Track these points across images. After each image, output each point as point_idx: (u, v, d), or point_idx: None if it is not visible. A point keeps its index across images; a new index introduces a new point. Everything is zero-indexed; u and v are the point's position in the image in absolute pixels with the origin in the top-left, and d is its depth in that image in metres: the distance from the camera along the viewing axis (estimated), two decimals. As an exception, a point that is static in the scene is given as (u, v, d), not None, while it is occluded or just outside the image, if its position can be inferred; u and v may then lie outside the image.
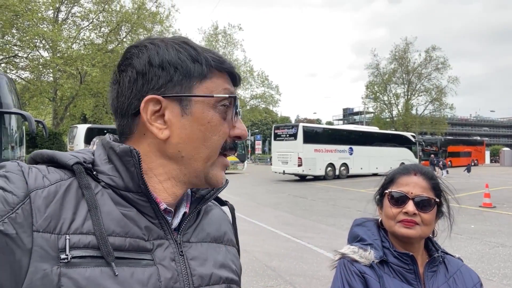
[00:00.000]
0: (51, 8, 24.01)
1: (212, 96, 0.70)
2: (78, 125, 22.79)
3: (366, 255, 1.20)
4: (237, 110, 0.74)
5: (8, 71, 22.20)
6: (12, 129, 10.20)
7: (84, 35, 26.45)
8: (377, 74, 45.70)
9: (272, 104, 42.17)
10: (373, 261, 1.19)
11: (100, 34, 27.19)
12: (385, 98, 46.49)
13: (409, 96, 45.55)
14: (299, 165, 19.46)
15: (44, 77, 24.30)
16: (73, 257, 0.58)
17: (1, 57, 21.68)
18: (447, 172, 25.69)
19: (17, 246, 0.55)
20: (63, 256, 0.57)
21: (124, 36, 27.65)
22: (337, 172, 21.63)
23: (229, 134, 0.72)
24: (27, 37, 20.37)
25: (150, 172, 0.71)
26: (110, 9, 26.40)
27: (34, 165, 0.66)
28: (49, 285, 0.56)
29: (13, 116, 9.97)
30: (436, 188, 1.24)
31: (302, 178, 21.25)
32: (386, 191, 1.26)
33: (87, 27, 26.44)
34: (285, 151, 20.39)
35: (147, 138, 0.70)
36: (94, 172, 0.68)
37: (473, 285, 1.24)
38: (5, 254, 0.55)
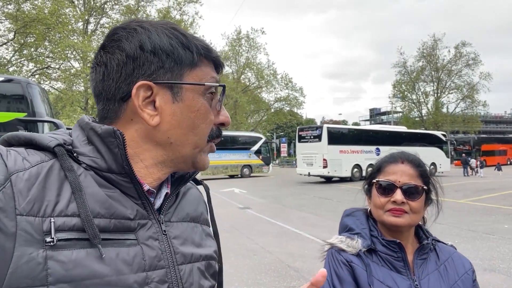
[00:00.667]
0: (80, 20, 25.02)
1: (203, 85, 0.71)
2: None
3: (353, 244, 1.19)
4: (221, 98, 0.76)
5: (41, 81, 23.26)
6: (45, 137, 10.69)
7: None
8: (405, 73, 44.70)
9: (297, 107, 42.02)
10: (360, 250, 1.18)
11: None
12: (414, 96, 45.37)
13: (439, 94, 44.24)
14: (324, 167, 19.27)
15: (75, 86, 25.26)
16: (58, 240, 0.57)
17: (35, 68, 22.76)
18: (480, 172, 24.69)
19: (0, 231, 0.54)
20: (48, 239, 0.57)
21: (150, 44, 28.34)
22: (363, 174, 21.22)
23: (214, 121, 0.73)
24: (58, 49, 21.28)
25: (136, 157, 0.70)
26: (137, 19, 27.15)
27: (12, 148, 0.64)
28: (35, 269, 0.55)
29: (46, 124, 10.47)
30: (424, 175, 1.22)
31: (328, 180, 21.01)
32: (374, 181, 1.25)
33: (115, 37, 27.29)
34: (309, 153, 20.26)
35: (134, 124, 0.69)
36: (75, 154, 0.66)
37: (464, 272, 1.22)
38: None
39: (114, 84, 0.68)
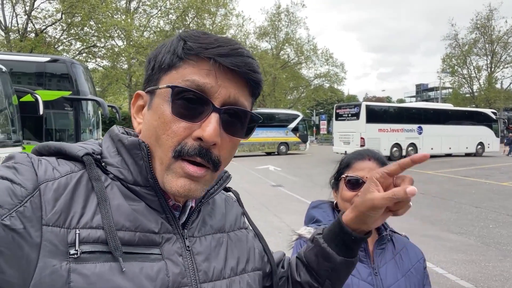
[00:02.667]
0: (123, -2, 25.68)
1: (158, 88, 0.65)
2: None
3: None
4: (206, 106, 0.63)
5: (88, 60, 24.41)
6: (89, 114, 11.35)
7: (153, 22, 27.98)
8: (455, 46, 41.91)
9: (337, 83, 41.06)
10: None
11: (167, 21, 28.52)
12: (465, 71, 42.64)
13: (492, 69, 41.22)
14: (362, 146, 18.86)
15: (119, 64, 26.24)
16: (82, 252, 0.56)
17: (82, 47, 23.87)
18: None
19: (25, 241, 0.53)
20: (72, 251, 0.56)
21: (189, 21, 28.66)
22: (403, 153, 20.59)
23: (191, 134, 0.63)
24: (103, 28, 22.11)
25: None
26: (176, -4, 27.47)
27: (44, 157, 0.64)
28: (58, 281, 0.54)
29: (89, 102, 11.10)
30: None
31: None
32: (343, 176, 1.34)
33: (156, 14, 27.87)
34: (347, 131, 19.89)
35: None
36: (103, 164, 0.67)
37: (417, 260, 1.34)
38: (12, 249, 0.52)
39: None
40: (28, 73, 10.46)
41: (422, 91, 74.13)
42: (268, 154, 25.30)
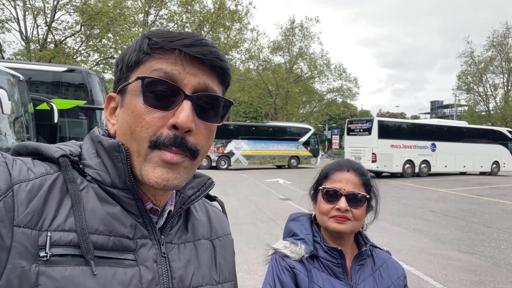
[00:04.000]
0: (141, 12, 26.31)
1: (127, 83, 0.66)
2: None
3: (296, 250, 1.23)
4: (177, 94, 0.63)
5: (105, 71, 24.93)
6: (102, 123, 11.55)
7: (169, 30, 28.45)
8: (471, 63, 41.48)
9: (350, 98, 40.92)
10: (303, 256, 1.22)
11: (184, 31, 29.00)
12: (480, 89, 42.05)
13: (509, 87, 40.56)
14: (373, 161, 18.70)
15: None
16: (53, 255, 0.55)
17: (100, 58, 24.44)
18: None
19: None
20: (42, 253, 0.55)
21: (205, 35, 29.07)
22: (416, 170, 20.30)
23: (166, 124, 0.63)
24: (120, 40, 22.63)
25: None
26: (192, 10, 28.03)
27: (19, 157, 0.63)
28: (26, 283, 0.53)
29: (103, 112, 11.29)
30: (367, 183, 1.27)
31: (377, 174, 20.33)
32: (321, 187, 1.30)
33: (172, 28, 28.41)
34: (358, 146, 19.74)
35: None
36: (81, 166, 0.66)
37: (397, 278, 1.27)
38: None
39: None
40: (45, 82, 10.75)
41: (437, 108, 73.31)
42: (279, 167, 25.25)
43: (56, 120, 8.43)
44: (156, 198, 0.71)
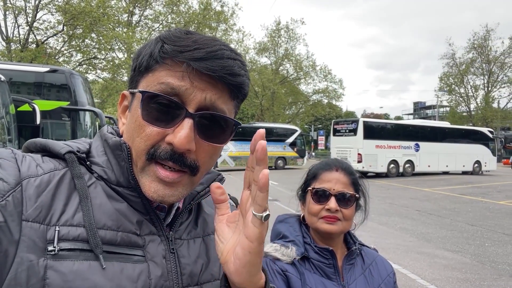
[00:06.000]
0: (125, 12, 25.99)
1: (134, 91, 0.65)
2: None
3: (287, 253, 1.20)
4: (179, 111, 0.61)
5: (88, 71, 24.52)
6: (86, 125, 11.35)
7: (154, 36, 28.19)
8: (453, 65, 42.41)
9: (336, 99, 41.29)
10: (294, 258, 1.20)
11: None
12: (462, 90, 43.07)
13: (489, 88, 41.69)
14: (359, 161, 18.89)
15: (119, 76, 26.39)
16: (61, 250, 0.56)
17: (83, 58, 24.02)
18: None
19: (4, 235, 0.53)
20: (50, 248, 0.55)
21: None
22: (401, 170, 20.59)
23: (164, 139, 0.61)
24: (104, 41, 22.29)
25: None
26: (178, 11, 27.84)
27: (29, 154, 0.64)
28: (34, 277, 0.53)
29: (87, 113, 11.10)
30: (356, 183, 1.26)
31: (363, 175, 20.40)
32: (309, 188, 1.27)
33: (158, 28, 28.14)
34: (344, 147, 19.91)
35: None
36: (88, 163, 0.66)
37: (387, 275, 1.28)
38: None
39: None
40: (27, 82, 10.49)
41: (419, 109, 74.72)
42: (266, 168, 25.24)
43: (38, 121, 8.22)
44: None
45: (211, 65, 0.60)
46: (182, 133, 0.59)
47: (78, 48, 23.20)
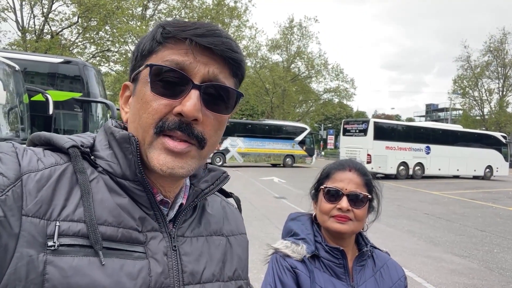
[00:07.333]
0: (139, 6, 26.12)
1: (139, 71, 0.67)
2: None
3: (298, 250, 1.21)
4: (186, 83, 0.63)
5: (101, 63, 24.74)
6: (98, 116, 11.45)
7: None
8: (467, 67, 41.76)
9: (347, 98, 40.96)
10: (305, 256, 1.20)
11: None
12: (476, 94, 42.39)
13: (504, 92, 40.96)
14: (368, 162, 18.74)
15: (132, 69, 26.52)
16: (61, 245, 0.55)
17: (97, 51, 24.24)
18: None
19: (4, 230, 0.53)
20: (50, 243, 0.55)
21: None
22: (410, 172, 20.40)
23: (172, 111, 0.63)
24: (118, 33, 22.45)
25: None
26: (192, 6, 27.88)
27: (30, 147, 0.64)
28: (33, 272, 0.53)
29: (99, 105, 11.21)
30: (369, 184, 1.26)
31: (372, 176, 20.43)
32: (322, 186, 1.27)
33: (171, 22, 28.18)
34: (354, 147, 19.78)
35: None
36: (92, 157, 0.66)
37: (398, 279, 1.27)
38: None
39: None
40: (41, 73, 10.62)
41: (432, 111, 73.80)
42: (274, 165, 25.25)
43: (51, 111, 8.33)
44: (165, 190, 0.70)
45: (212, 41, 0.63)
46: (190, 102, 0.61)
47: (92, 40, 23.42)
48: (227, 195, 0.88)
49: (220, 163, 22.98)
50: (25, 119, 7.80)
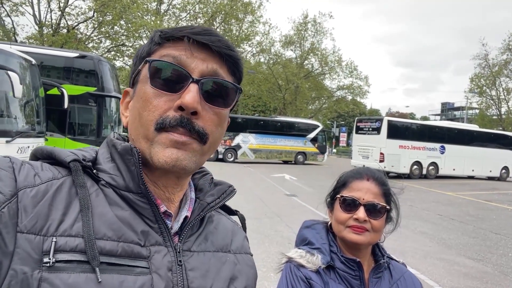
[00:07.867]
0: (154, 1, 26.26)
1: (138, 71, 0.68)
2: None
3: (313, 260, 1.17)
4: (185, 78, 0.63)
5: (116, 58, 24.97)
6: (112, 110, 11.57)
7: (181, 25, 28.41)
8: (485, 66, 40.81)
9: (360, 96, 40.53)
10: (320, 267, 1.16)
11: (196, 24, 28.92)
12: (493, 93, 41.41)
13: (523, 92, 39.91)
14: (381, 161, 18.54)
15: (145, 64, 26.73)
16: (57, 261, 0.54)
17: (112, 45, 24.48)
18: None
19: None
20: (46, 259, 0.53)
21: (217, 26, 29.00)
22: (424, 172, 20.11)
23: (172, 107, 0.63)
24: (132, 28, 22.62)
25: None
26: (206, 1, 27.89)
27: (29, 161, 0.63)
28: None
29: (113, 99, 11.32)
30: (387, 194, 1.21)
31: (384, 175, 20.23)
32: (338, 195, 1.24)
33: (185, 18, 28.32)
34: (366, 145, 19.59)
35: None
36: (94, 171, 0.65)
37: None
38: None
39: None
40: (57, 67, 10.77)
41: (447, 110, 72.53)
42: (285, 162, 25.20)
43: (66, 105, 8.46)
44: (169, 191, 0.69)
45: (209, 38, 0.65)
46: (189, 94, 0.62)
47: (107, 35, 23.66)
48: (232, 212, 0.86)
49: (231, 159, 23.05)
50: (41, 112, 7.92)
